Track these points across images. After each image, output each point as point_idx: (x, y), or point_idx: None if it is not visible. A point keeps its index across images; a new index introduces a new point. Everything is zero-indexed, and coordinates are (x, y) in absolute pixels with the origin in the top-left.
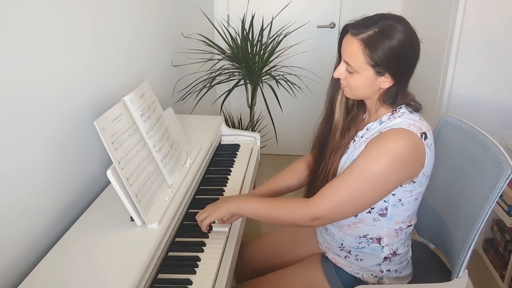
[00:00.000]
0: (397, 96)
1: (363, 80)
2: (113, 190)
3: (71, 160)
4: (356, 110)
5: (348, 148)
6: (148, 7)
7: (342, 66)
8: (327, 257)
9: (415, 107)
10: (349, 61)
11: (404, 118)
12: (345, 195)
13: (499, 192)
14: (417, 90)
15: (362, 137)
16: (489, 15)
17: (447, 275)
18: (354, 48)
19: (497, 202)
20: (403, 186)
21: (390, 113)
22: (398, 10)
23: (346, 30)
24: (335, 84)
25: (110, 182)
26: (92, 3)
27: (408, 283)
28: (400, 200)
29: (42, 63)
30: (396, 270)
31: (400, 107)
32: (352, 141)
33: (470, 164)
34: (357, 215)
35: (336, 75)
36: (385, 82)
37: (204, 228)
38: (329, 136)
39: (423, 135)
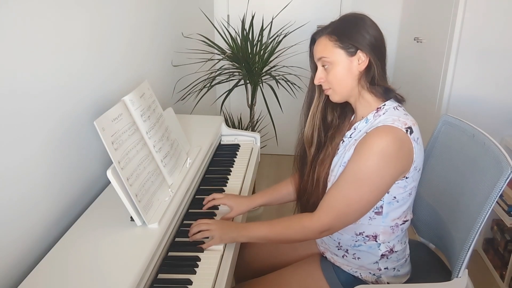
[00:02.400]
0: (374, 74)
1: (340, 69)
2: (113, 190)
3: (71, 160)
4: (338, 121)
5: (338, 149)
6: (148, 7)
7: (319, 69)
8: (325, 257)
9: (399, 100)
10: (322, 55)
11: (388, 115)
12: (345, 204)
13: (499, 192)
14: (417, 90)
15: (350, 137)
16: (489, 15)
17: (447, 275)
18: (322, 43)
19: (497, 202)
20: (396, 182)
21: (375, 111)
22: (398, 10)
23: (313, 39)
24: (311, 95)
25: (110, 182)
26: (92, 3)
27: (408, 282)
28: (395, 197)
29: (42, 62)
30: (394, 268)
31: (385, 104)
32: (341, 142)
33: (470, 164)
34: None
35: (316, 81)
36: (360, 63)
37: (197, 237)
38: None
39: (408, 130)
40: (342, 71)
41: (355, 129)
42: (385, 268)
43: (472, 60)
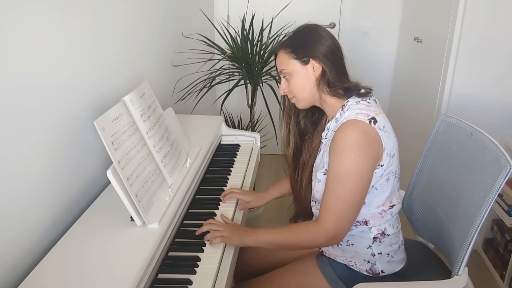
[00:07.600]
0: (329, 79)
1: (298, 78)
2: (113, 190)
3: (71, 160)
4: (312, 127)
5: (319, 151)
6: (148, 7)
7: (282, 80)
8: (322, 253)
9: (362, 94)
10: (281, 67)
11: (351, 110)
12: (341, 203)
13: (498, 189)
14: (417, 90)
15: (326, 137)
16: (489, 15)
17: (446, 275)
18: (280, 56)
19: (497, 202)
20: (374, 172)
21: (340, 109)
22: (398, 10)
23: (275, 53)
24: (283, 102)
25: (110, 182)
26: (93, 2)
27: (405, 278)
28: (372, 186)
29: (42, 62)
30: (388, 254)
31: (348, 101)
32: (320, 143)
33: (469, 162)
34: None
35: (281, 91)
36: (315, 70)
37: (207, 238)
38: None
39: (372, 120)
40: (300, 80)
41: (328, 129)
42: (378, 253)
43: (472, 60)
